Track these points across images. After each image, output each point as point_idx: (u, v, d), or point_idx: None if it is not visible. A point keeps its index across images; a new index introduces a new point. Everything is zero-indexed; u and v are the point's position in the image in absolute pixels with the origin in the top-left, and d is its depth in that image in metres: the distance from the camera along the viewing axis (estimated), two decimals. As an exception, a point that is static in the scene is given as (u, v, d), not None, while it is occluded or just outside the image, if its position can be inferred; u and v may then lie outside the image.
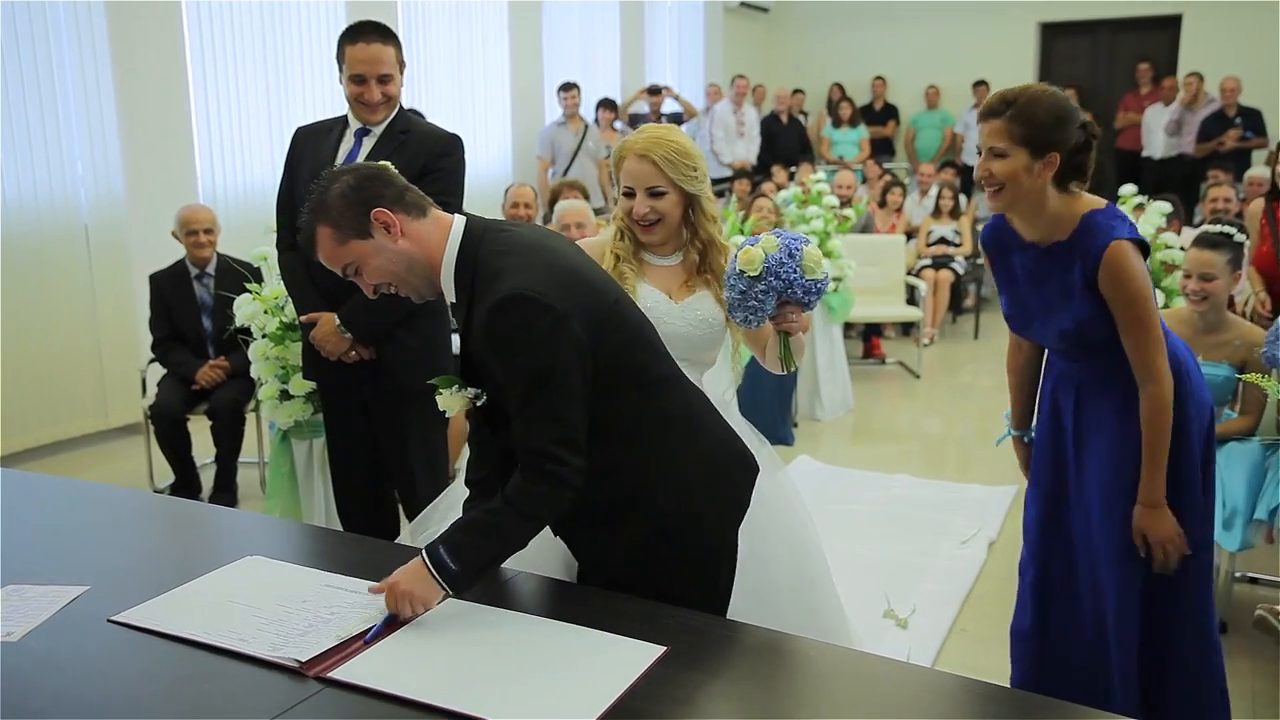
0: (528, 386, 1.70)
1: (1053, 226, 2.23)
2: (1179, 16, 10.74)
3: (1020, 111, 2.14)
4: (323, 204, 1.77)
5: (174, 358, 4.56)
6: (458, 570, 1.69)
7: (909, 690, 1.56)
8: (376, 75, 2.94)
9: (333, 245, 1.78)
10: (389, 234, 1.76)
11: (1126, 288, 2.16)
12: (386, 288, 1.83)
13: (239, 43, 6.16)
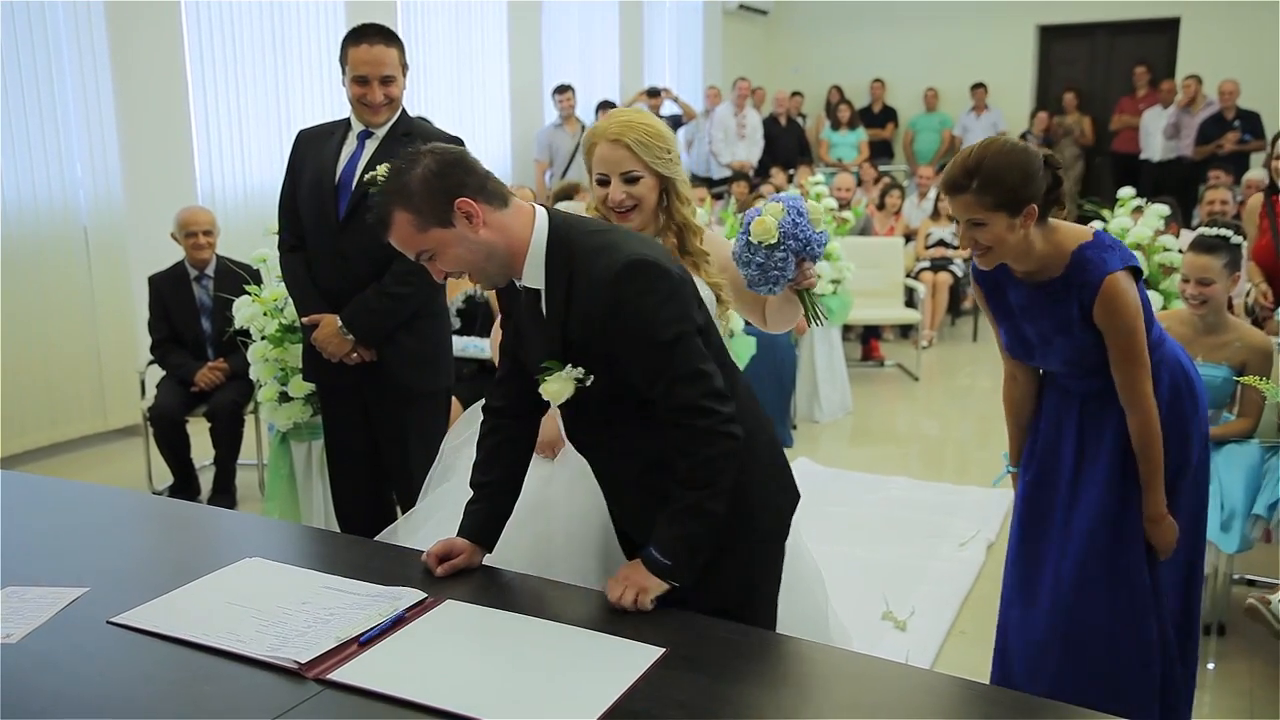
0: (662, 348, 1.71)
1: (1043, 265, 2.25)
2: (1177, 20, 10.75)
3: (985, 181, 2.13)
4: (403, 187, 1.73)
5: (173, 360, 4.56)
6: (671, 565, 1.73)
7: (908, 692, 1.56)
8: (379, 76, 2.94)
9: (410, 231, 1.74)
10: (471, 224, 1.74)
11: (1120, 321, 2.21)
12: (458, 275, 1.81)
13: (238, 45, 6.18)
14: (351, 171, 3.00)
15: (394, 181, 1.75)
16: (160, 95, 5.75)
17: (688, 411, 1.73)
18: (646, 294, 1.71)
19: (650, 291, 1.72)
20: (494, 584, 1.81)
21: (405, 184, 1.73)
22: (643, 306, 1.71)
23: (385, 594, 1.74)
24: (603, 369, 1.78)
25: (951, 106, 11.25)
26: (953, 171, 2.18)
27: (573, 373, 1.79)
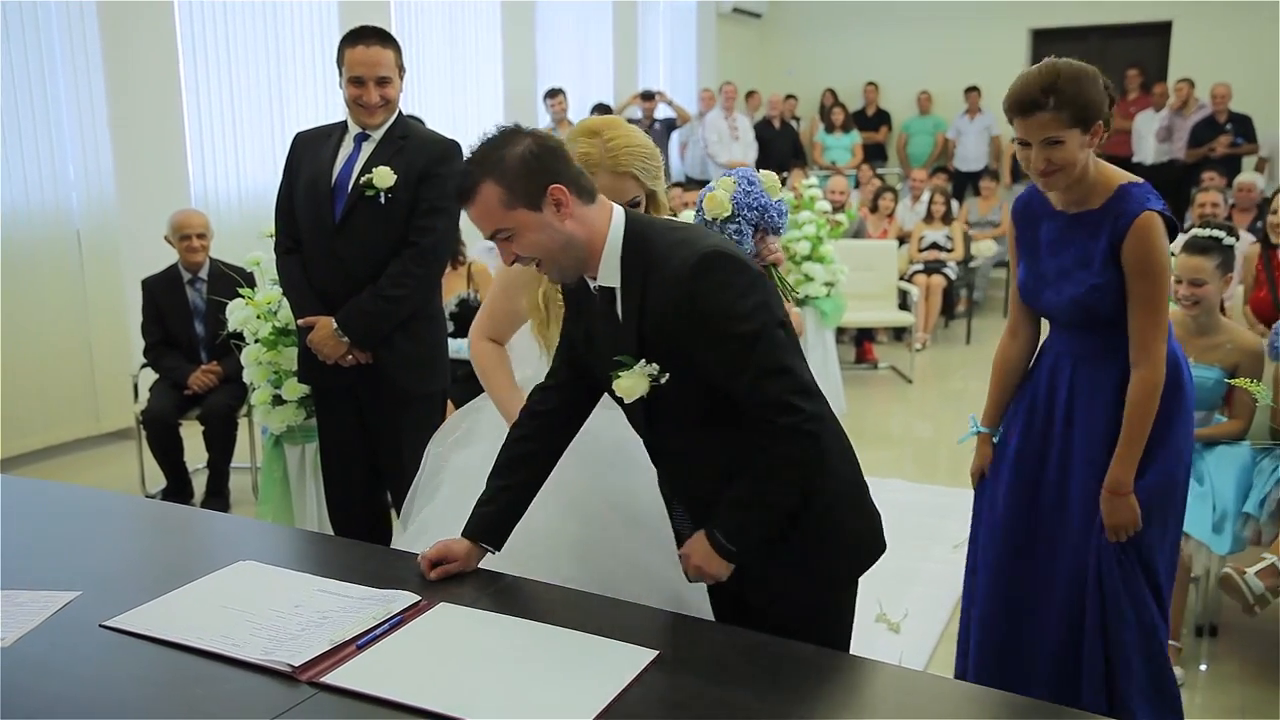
0: (743, 341, 1.69)
1: (1087, 194, 2.24)
2: (1169, 23, 10.80)
3: (1064, 98, 2.13)
4: (498, 160, 1.70)
5: (166, 362, 4.55)
6: (737, 550, 1.76)
7: (902, 693, 1.56)
8: (374, 77, 2.94)
9: (496, 206, 1.71)
10: (558, 212, 1.72)
11: (1148, 259, 2.16)
12: (528, 261, 1.78)
13: (232, 46, 6.17)
14: (348, 174, 2.99)
15: (489, 153, 1.72)
16: (154, 97, 5.74)
17: (771, 407, 1.70)
18: (725, 286, 1.68)
19: (729, 284, 1.69)
20: (488, 587, 1.81)
21: (502, 158, 1.70)
22: (722, 299, 1.68)
23: (379, 597, 1.74)
24: (679, 367, 1.75)
25: (945, 109, 11.28)
26: (1028, 90, 2.16)
27: (646, 369, 1.76)
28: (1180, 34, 10.75)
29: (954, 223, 8.54)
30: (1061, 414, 2.39)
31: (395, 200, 2.97)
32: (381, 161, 2.96)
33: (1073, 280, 2.26)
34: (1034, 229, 2.37)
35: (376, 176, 2.94)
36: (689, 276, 1.68)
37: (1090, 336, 2.32)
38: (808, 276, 5.96)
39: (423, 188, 3.00)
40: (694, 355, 1.73)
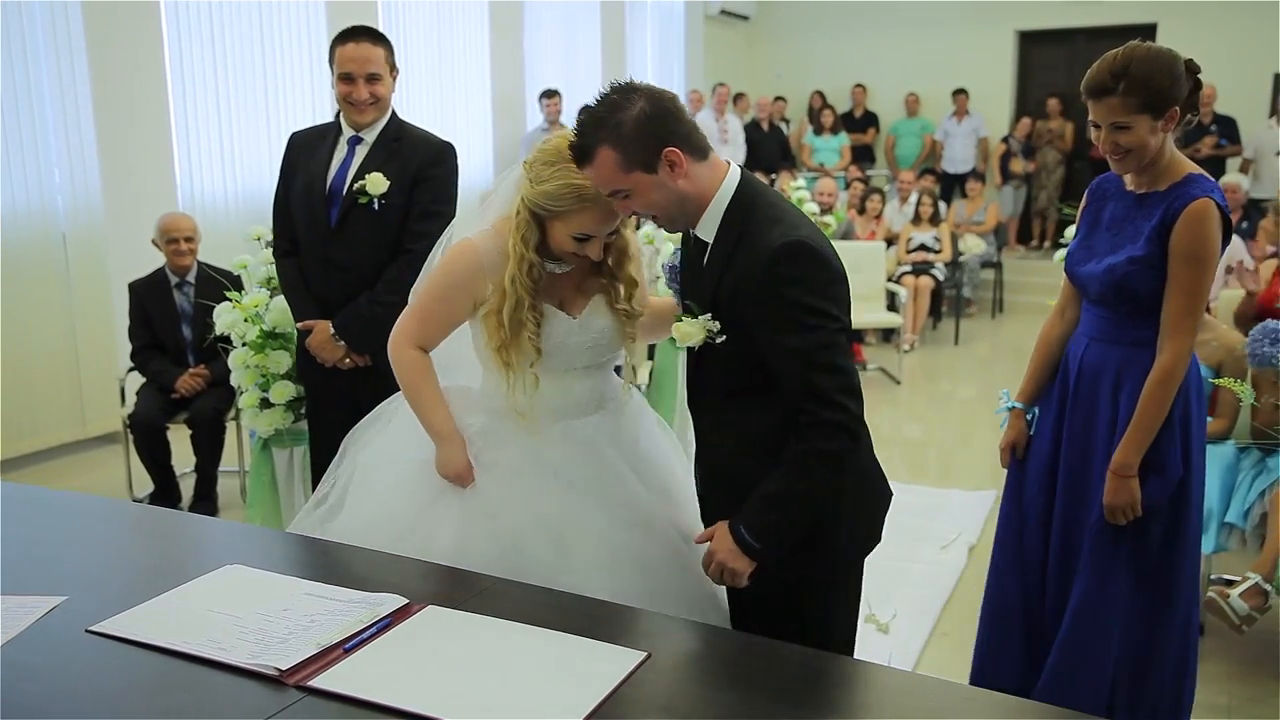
0: (809, 332, 1.75)
1: (1158, 177, 2.26)
2: (1154, 25, 10.85)
3: (1133, 83, 2.15)
4: (615, 124, 1.76)
5: (153, 366, 4.53)
6: (762, 549, 1.81)
7: (890, 693, 1.57)
8: (364, 74, 2.94)
9: (613, 169, 1.78)
10: (673, 172, 1.79)
11: (1195, 244, 2.17)
12: (645, 216, 1.86)
13: (219, 48, 6.16)
14: (342, 178, 3.00)
15: (606, 117, 1.77)
16: (140, 99, 5.73)
17: (818, 399, 1.76)
18: (804, 278, 1.75)
19: (809, 277, 1.76)
20: (475, 589, 1.81)
21: (619, 122, 1.76)
22: (797, 288, 1.75)
23: (366, 600, 1.74)
24: (738, 334, 1.83)
25: (933, 111, 11.31)
26: (1098, 74, 2.18)
27: (708, 323, 1.84)
28: (1165, 36, 10.79)
29: (941, 224, 8.56)
30: (1084, 399, 2.40)
31: (390, 205, 2.97)
32: (375, 165, 2.96)
33: (1121, 253, 2.28)
34: (1101, 205, 2.40)
35: (370, 183, 2.94)
36: (773, 259, 1.75)
37: (1112, 317, 2.33)
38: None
39: (417, 191, 3.00)
40: (755, 330, 1.80)
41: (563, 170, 1.94)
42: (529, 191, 1.99)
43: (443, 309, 2.13)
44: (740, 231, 1.81)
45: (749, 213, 1.82)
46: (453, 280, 2.11)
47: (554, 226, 2.00)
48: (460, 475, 2.12)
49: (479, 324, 2.12)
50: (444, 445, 2.12)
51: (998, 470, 2.69)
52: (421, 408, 2.15)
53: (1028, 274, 9.80)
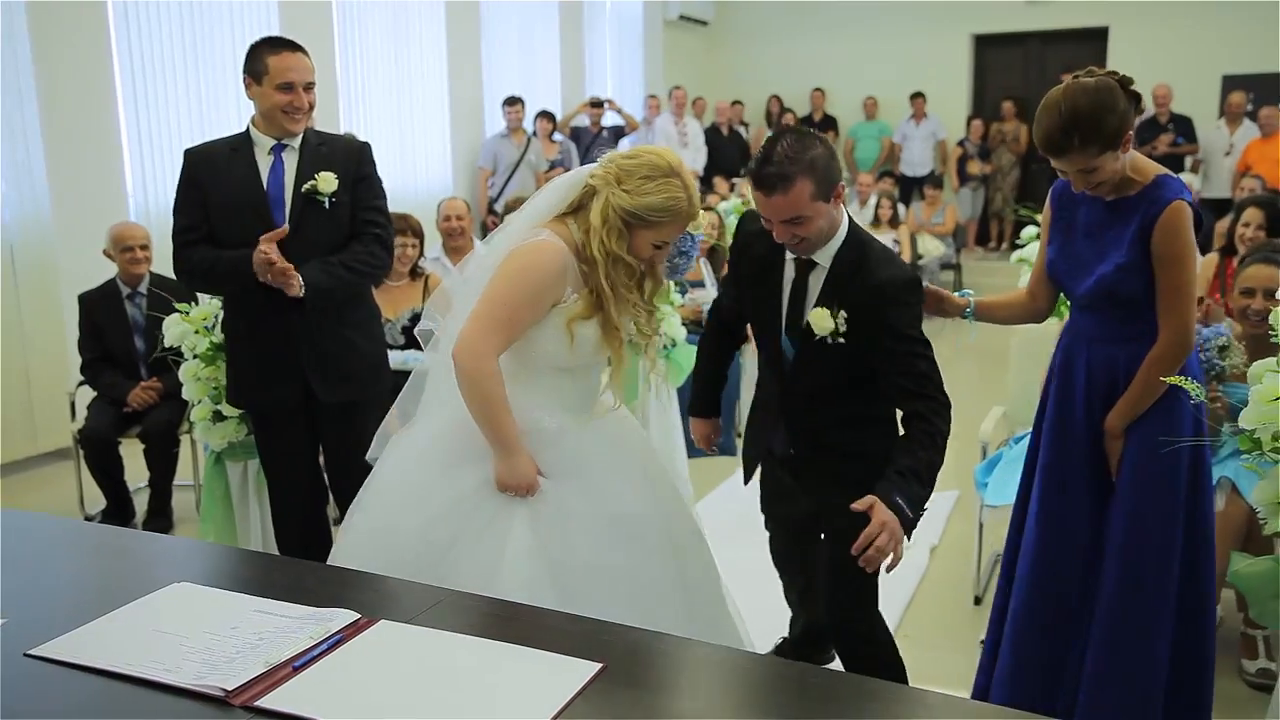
0: (915, 340, 2.26)
1: (1125, 184, 2.34)
2: (1106, 28, 11.01)
3: (1087, 135, 2.21)
4: (811, 161, 2.19)
5: (104, 379, 4.45)
6: (914, 517, 2.19)
7: (851, 700, 1.55)
8: (304, 83, 2.94)
9: (806, 197, 2.19)
10: (834, 203, 2.26)
11: (1174, 246, 2.26)
12: (798, 242, 2.28)
13: (169, 55, 6.05)
14: (278, 185, 2.97)
15: (802, 154, 2.18)
16: (88, 107, 5.62)
17: (934, 386, 2.26)
18: (917, 304, 2.35)
19: (919, 303, 2.37)
20: (428, 603, 1.78)
21: (814, 160, 2.19)
22: (912, 310, 2.31)
23: (317, 616, 1.70)
24: (852, 337, 2.29)
25: (891, 115, 11.40)
26: (1050, 133, 2.25)
27: (839, 317, 2.30)
28: (1117, 38, 10.96)
29: (901, 226, 8.62)
30: (1082, 404, 2.44)
31: (339, 203, 2.99)
32: (313, 168, 2.97)
33: (1108, 260, 2.35)
34: (1072, 211, 2.45)
35: (321, 182, 2.95)
36: (901, 285, 2.29)
37: (1109, 321, 2.40)
38: (757, 282, 5.97)
39: (358, 189, 3.04)
40: (884, 333, 2.26)
41: (665, 185, 2.15)
42: (626, 200, 2.14)
43: (528, 311, 2.15)
44: (858, 260, 2.31)
45: (863, 248, 2.33)
46: (543, 282, 2.15)
47: (641, 234, 2.17)
48: (531, 485, 2.16)
49: (559, 327, 2.17)
50: (514, 456, 2.14)
51: (961, 471, 2.70)
52: (497, 421, 2.14)
53: (987, 275, 9.88)
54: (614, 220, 2.14)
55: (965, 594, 3.71)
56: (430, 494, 2.19)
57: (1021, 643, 2.56)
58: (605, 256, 2.14)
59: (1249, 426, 1.99)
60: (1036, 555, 2.53)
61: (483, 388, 2.13)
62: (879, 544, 2.11)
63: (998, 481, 3.47)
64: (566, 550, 2.14)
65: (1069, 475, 2.48)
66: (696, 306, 5.45)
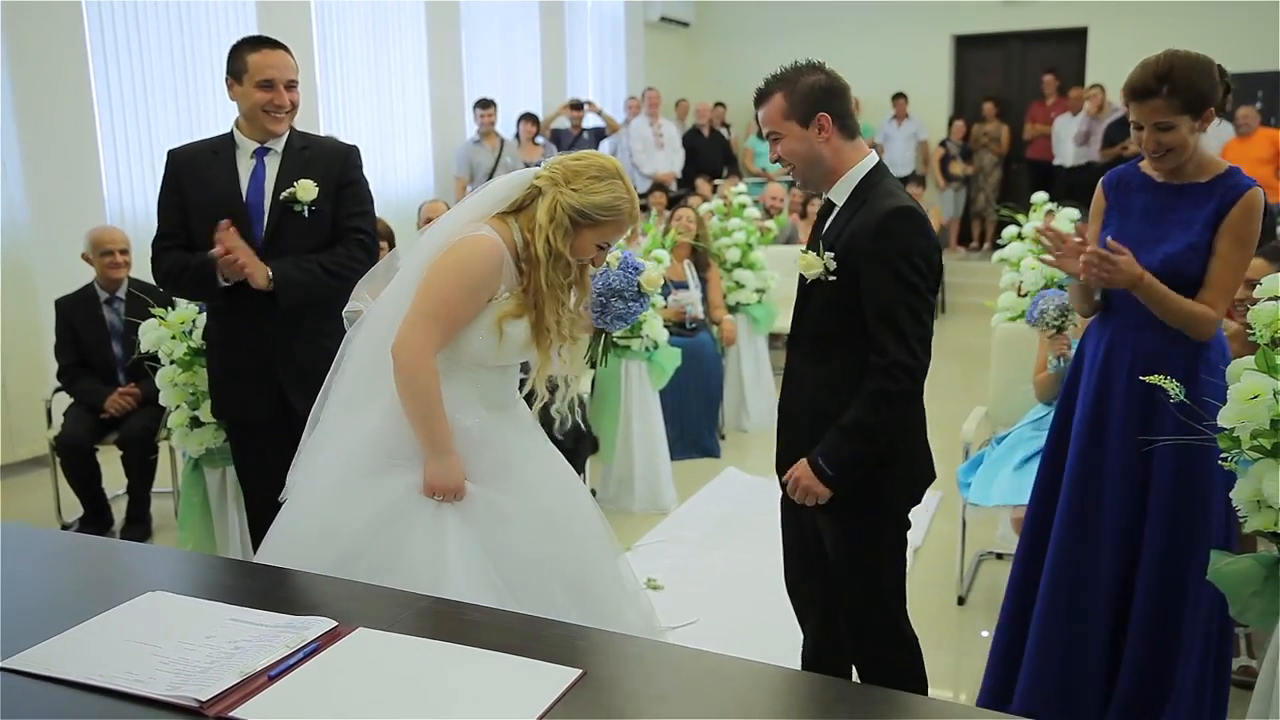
0: (900, 279, 2.12)
1: (1194, 171, 2.39)
2: (1085, 29, 11.07)
3: (1176, 86, 2.28)
4: (793, 80, 2.23)
5: (81, 385, 4.40)
6: (834, 476, 2.19)
7: (831, 703, 1.54)
8: (285, 80, 2.87)
9: (776, 113, 2.23)
10: (819, 134, 2.21)
11: (1248, 228, 2.35)
12: (785, 166, 2.27)
13: (145, 56, 6.00)
14: (258, 191, 2.89)
15: (789, 74, 2.24)
16: (64, 110, 5.57)
17: (894, 340, 2.12)
18: (907, 237, 2.14)
19: (911, 237, 2.15)
20: (405, 610, 1.76)
21: (797, 79, 2.23)
22: (900, 243, 2.13)
23: (293, 624, 1.68)
24: (844, 279, 2.19)
25: (872, 115, 11.41)
26: (1143, 77, 2.31)
27: (828, 260, 2.20)
28: (1095, 39, 11.02)
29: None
30: (1122, 395, 2.45)
31: (318, 211, 2.90)
32: (294, 174, 2.88)
33: (1169, 240, 2.39)
34: (1128, 197, 2.50)
35: (300, 190, 2.86)
36: (886, 216, 2.14)
37: None
38: (739, 284, 5.98)
39: (342, 196, 2.96)
40: (861, 274, 2.15)
41: (612, 185, 2.20)
42: (574, 199, 2.18)
43: (466, 308, 2.18)
44: (865, 199, 2.21)
45: (875, 187, 2.23)
46: (480, 277, 2.16)
47: (586, 234, 2.21)
48: (459, 489, 2.16)
49: (490, 324, 2.18)
50: (444, 458, 2.15)
51: (944, 471, 2.69)
52: (432, 420, 2.16)
53: (969, 275, 9.93)
54: (561, 218, 2.17)
55: (949, 594, 3.72)
56: (358, 505, 2.17)
57: (1046, 651, 2.57)
58: (549, 255, 2.17)
59: (1228, 425, 1.99)
60: (1061, 557, 2.54)
61: (420, 384, 2.14)
62: (790, 490, 2.27)
63: (980, 482, 3.47)
64: (505, 548, 2.15)
65: (1104, 474, 2.49)
66: (680, 308, 5.44)
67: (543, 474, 2.31)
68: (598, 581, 2.28)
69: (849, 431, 2.17)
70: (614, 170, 2.23)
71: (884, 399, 2.13)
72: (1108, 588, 2.51)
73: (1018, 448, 3.45)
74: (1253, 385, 1.94)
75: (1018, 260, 4.19)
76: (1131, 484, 2.47)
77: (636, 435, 4.66)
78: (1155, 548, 2.45)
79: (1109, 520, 2.49)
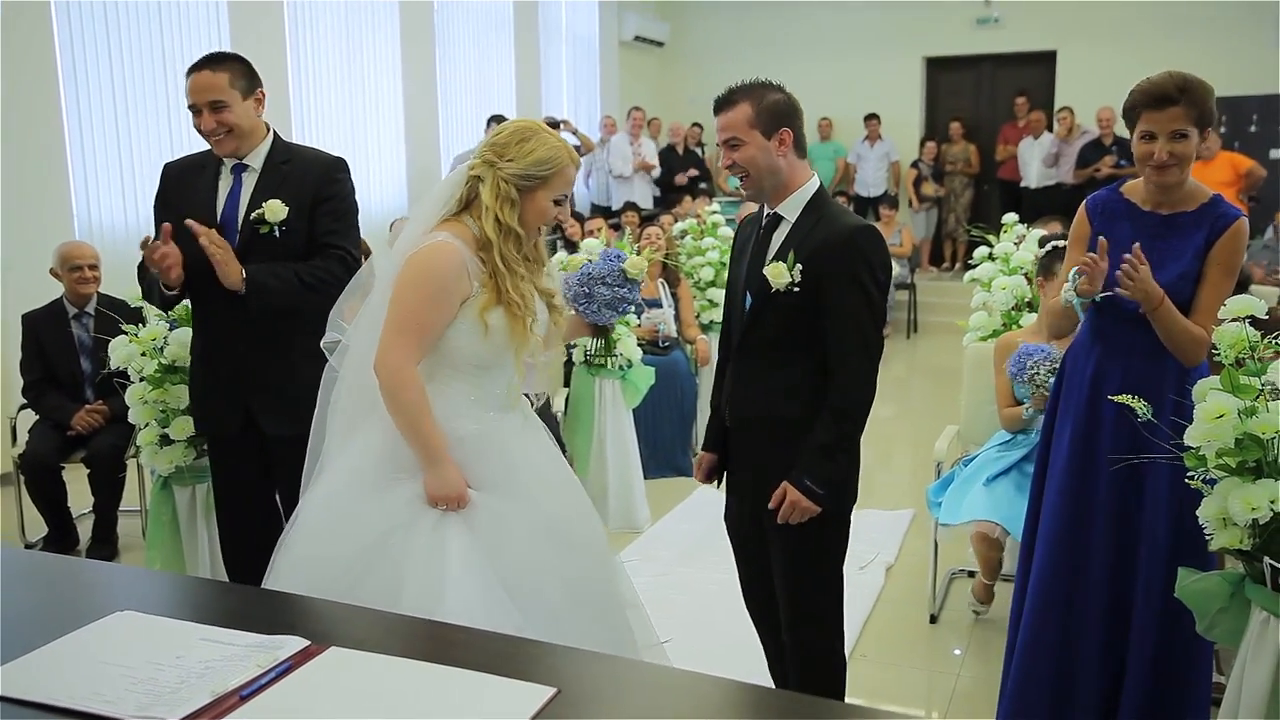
0: (860, 292, 2.29)
1: (1183, 198, 2.45)
2: (1054, 52, 11.24)
3: (1194, 97, 2.34)
4: (761, 93, 2.34)
5: (48, 402, 4.35)
6: (825, 494, 2.33)
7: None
8: (205, 103, 2.78)
9: (742, 120, 2.33)
10: (778, 147, 2.34)
11: (1237, 257, 2.43)
12: (740, 171, 2.37)
13: (116, 66, 5.95)
14: (234, 209, 2.85)
15: (757, 87, 2.35)
16: (32, 121, 5.51)
17: (858, 351, 2.30)
18: (873, 255, 2.32)
19: (875, 256, 2.33)
20: (379, 628, 1.75)
21: (765, 92, 2.34)
22: (867, 261, 2.30)
23: (266, 643, 1.66)
24: (805, 288, 2.30)
25: (845, 136, 11.53)
26: (1162, 86, 2.37)
27: (795, 268, 2.30)
28: (1064, 61, 11.20)
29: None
30: (1111, 419, 2.45)
31: (290, 230, 2.84)
32: (269, 191, 2.83)
33: (1163, 270, 2.41)
34: (1111, 225, 2.53)
35: (268, 211, 2.80)
36: (855, 233, 2.32)
37: (1150, 332, 2.43)
38: (711, 302, 5.99)
39: (319, 213, 2.88)
40: (828, 286, 2.28)
41: (541, 140, 2.25)
42: (513, 168, 2.21)
43: (436, 314, 2.18)
44: (819, 215, 2.35)
45: (826, 205, 2.39)
46: (441, 281, 2.17)
47: (535, 196, 2.25)
48: (460, 497, 2.16)
49: (473, 321, 2.19)
50: (442, 467, 2.16)
51: (916, 490, 2.72)
52: (424, 431, 2.17)
53: (941, 295, 10.01)
54: (505, 190, 2.22)
55: (921, 613, 3.73)
56: (364, 520, 2.18)
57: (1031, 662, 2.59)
58: (499, 231, 2.21)
59: (1194, 444, 2.02)
60: (1050, 578, 2.56)
61: (405, 397, 2.16)
62: (783, 514, 2.35)
63: (950, 501, 3.50)
64: (510, 556, 2.16)
65: (1094, 505, 2.52)
66: (652, 326, 5.45)
67: (545, 480, 2.32)
68: (599, 589, 2.30)
69: (830, 450, 2.32)
70: (535, 127, 2.28)
71: (856, 406, 2.32)
72: (1097, 632, 2.53)
73: (984, 468, 3.49)
74: (1218, 405, 1.97)
75: (989, 280, 4.23)
76: (1120, 515, 2.49)
77: (610, 454, 4.66)
78: (1152, 577, 2.45)
79: (1098, 553, 2.52)
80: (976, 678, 3.25)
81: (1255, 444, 1.95)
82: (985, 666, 3.28)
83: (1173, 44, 10.25)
